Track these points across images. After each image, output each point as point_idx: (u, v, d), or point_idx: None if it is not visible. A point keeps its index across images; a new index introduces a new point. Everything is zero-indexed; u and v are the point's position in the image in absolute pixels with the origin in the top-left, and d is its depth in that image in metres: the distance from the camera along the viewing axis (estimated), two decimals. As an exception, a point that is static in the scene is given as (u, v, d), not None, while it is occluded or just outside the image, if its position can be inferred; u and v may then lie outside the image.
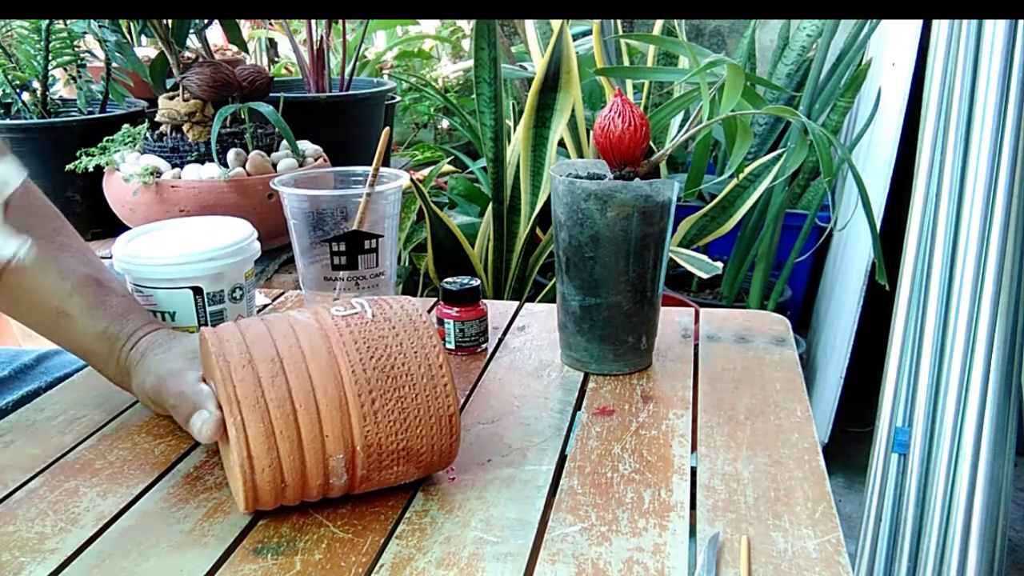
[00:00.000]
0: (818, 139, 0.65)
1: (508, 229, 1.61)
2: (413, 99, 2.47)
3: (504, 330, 0.82)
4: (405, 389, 0.50)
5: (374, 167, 0.77)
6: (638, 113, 0.65)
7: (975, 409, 1.20)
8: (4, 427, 0.65)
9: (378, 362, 0.50)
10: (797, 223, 1.90)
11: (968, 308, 1.21)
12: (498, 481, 0.56)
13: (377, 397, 0.49)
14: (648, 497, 0.54)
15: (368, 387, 0.49)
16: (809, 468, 0.57)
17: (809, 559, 0.48)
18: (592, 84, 2.06)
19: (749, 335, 0.80)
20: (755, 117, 1.87)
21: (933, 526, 1.22)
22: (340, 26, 1.85)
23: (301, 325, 0.51)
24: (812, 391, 1.93)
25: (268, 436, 0.47)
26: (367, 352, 0.50)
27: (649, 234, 0.67)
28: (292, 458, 0.48)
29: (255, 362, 0.48)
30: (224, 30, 1.40)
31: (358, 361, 0.49)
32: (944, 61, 1.23)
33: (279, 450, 0.47)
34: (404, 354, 0.51)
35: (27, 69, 1.28)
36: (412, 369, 0.50)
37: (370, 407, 0.49)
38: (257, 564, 0.48)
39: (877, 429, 1.31)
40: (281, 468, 0.48)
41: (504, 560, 0.48)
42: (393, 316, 0.52)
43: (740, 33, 2.57)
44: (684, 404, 0.67)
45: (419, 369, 0.51)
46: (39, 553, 0.49)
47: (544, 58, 1.48)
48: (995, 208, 1.19)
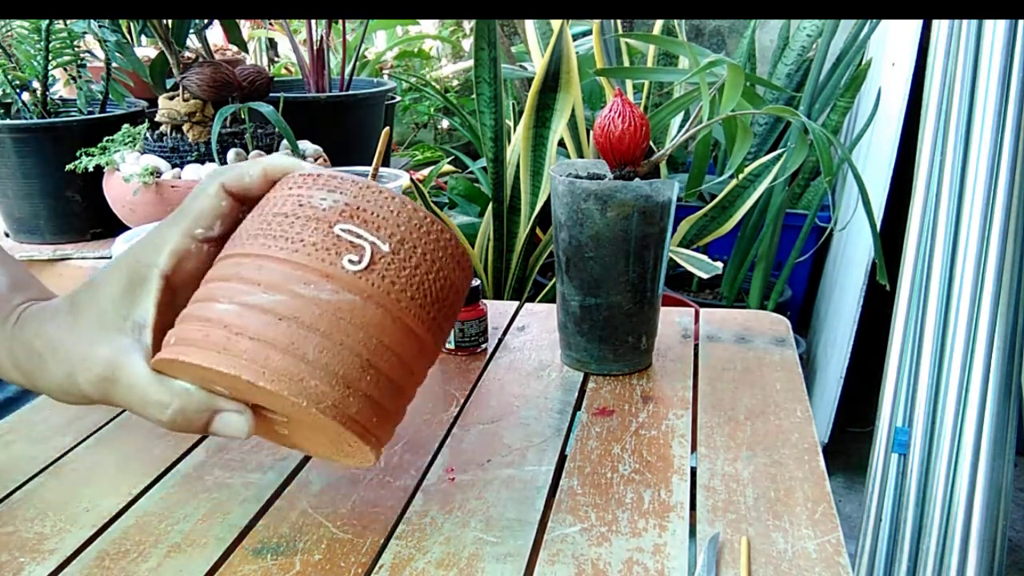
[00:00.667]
0: (818, 139, 0.65)
1: (508, 229, 1.61)
2: (413, 99, 2.47)
3: (504, 330, 0.82)
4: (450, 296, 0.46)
5: (374, 167, 0.77)
6: (638, 113, 0.65)
7: (975, 409, 1.20)
8: (4, 427, 0.65)
9: (438, 296, 0.45)
10: (797, 223, 1.90)
11: (968, 308, 1.21)
12: (498, 481, 0.56)
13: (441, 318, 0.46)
14: (648, 497, 0.54)
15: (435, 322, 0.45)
16: (809, 468, 0.57)
17: (809, 559, 0.48)
18: (592, 84, 2.06)
19: (749, 335, 0.80)
20: (755, 117, 1.87)
21: (933, 526, 1.22)
22: (340, 26, 1.85)
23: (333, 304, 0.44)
24: (812, 391, 1.93)
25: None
26: (426, 298, 0.45)
27: (649, 234, 0.67)
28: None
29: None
30: (224, 30, 1.40)
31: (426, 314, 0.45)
32: (944, 61, 1.23)
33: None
34: (447, 276, 0.46)
35: (27, 69, 1.28)
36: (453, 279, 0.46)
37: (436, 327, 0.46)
38: (257, 564, 0.48)
39: (877, 429, 1.31)
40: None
41: (504, 560, 0.48)
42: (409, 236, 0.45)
43: (740, 33, 2.57)
44: (684, 404, 0.67)
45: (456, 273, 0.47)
46: (39, 553, 0.49)
47: (544, 58, 1.48)
48: (995, 208, 1.19)
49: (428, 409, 0.66)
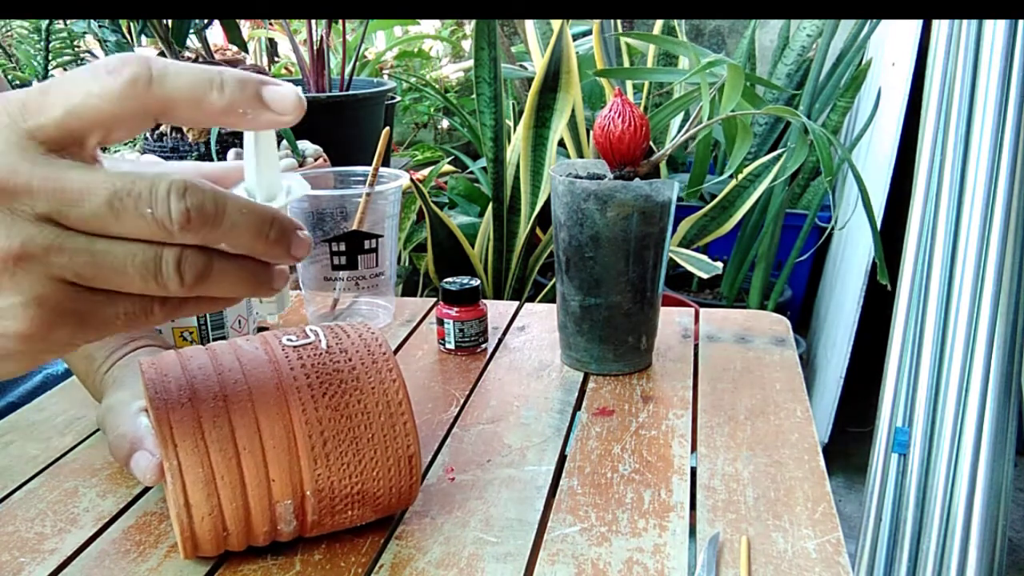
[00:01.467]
0: (818, 139, 0.65)
1: (508, 229, 1.61)
2: (413, 99, 2.47)
3: (504, 330, 0.81)
4: (361, 429, 0.46)
5: (374, 167, 0.77)
6: (638, 113, 0.65)
7: (975, 409, 1.20)
8: (4, 427, 0.65)
9: (331, 399, 0.45)
10: (797, 223, 1.90)
11: (968, 308, 1.21)
12: (498, 481, 0.56)
13: (330, 438, 0.45)
14: (648, 497, 0.54)
15: (320, 427, 0.45)
16: (809, 468, 0.57)
17: (809, 559, 0.48)
18: (592, 84, 2.06)
19: (749, 335, 0.80)
20: (755, 117, 1.87)
21: (933, 526, 1.22)
22: (340, 26, 1.85)
23: (248, 357, 0.46)
24: (812, 391, 1.93)
25: (208, 482, 0.43)
26: (320, 388, 0.45)
27: (649, 234, 0.67)
28: (235, 505, 0.44)
29: (196, 400, 0.44)
30: (224, 30, 1.40)
31: (309, 399, 0.45)
32: (944, 61, 1.23)
33: (220, 497, 0.43)
34: (360, 390, 0.46)
35: (27, 69, 1.28)
36: (369, 407, 0.46)
37: (321, 449, 0.45)
38: (257, 564, 0.48)
39: (877, 429, 1.31)
40: (223, 516, 0.44)
41: (504, 560, 0.48)
42: (350, 347, 0.48)
43: (740, 33, 2.57)
44: (684, 404, 0.67)
45: (376, 407, 0.46)
46: (39, 553, 0.49)
47: (544, 58, 1.48)
48: (995, 208, 1.19)
49: (428, 409, 0.66)
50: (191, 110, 0.33)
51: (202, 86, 0.32)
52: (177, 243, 0.32)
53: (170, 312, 0.34)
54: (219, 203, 0.32)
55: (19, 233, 0.30)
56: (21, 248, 0.30)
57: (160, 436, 0.43)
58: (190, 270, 0.32)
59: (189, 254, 0.32)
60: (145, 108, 0.32)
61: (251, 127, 0.35)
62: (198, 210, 0.31)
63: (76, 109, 0.31)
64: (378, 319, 0.83)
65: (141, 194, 0.31)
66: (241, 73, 0.34)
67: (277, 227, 0.34)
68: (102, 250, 0.31)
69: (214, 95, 0.33)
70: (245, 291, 0.35)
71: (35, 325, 0.31)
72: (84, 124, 0.32)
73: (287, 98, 0.34)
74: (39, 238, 0.30)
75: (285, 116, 0.34)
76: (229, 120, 0.34)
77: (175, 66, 0.33)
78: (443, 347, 0.76)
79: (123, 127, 0.33)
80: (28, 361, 0.34)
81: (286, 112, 0.34)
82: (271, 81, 0.35)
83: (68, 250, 0.31)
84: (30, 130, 0.31)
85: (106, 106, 0.31)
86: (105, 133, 0.32)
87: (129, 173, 0.31)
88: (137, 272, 0.32)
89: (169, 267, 0.32)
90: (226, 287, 0.34)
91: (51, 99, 0.31)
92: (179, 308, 0.34)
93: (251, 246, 0.34)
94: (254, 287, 0.35)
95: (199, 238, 0.32)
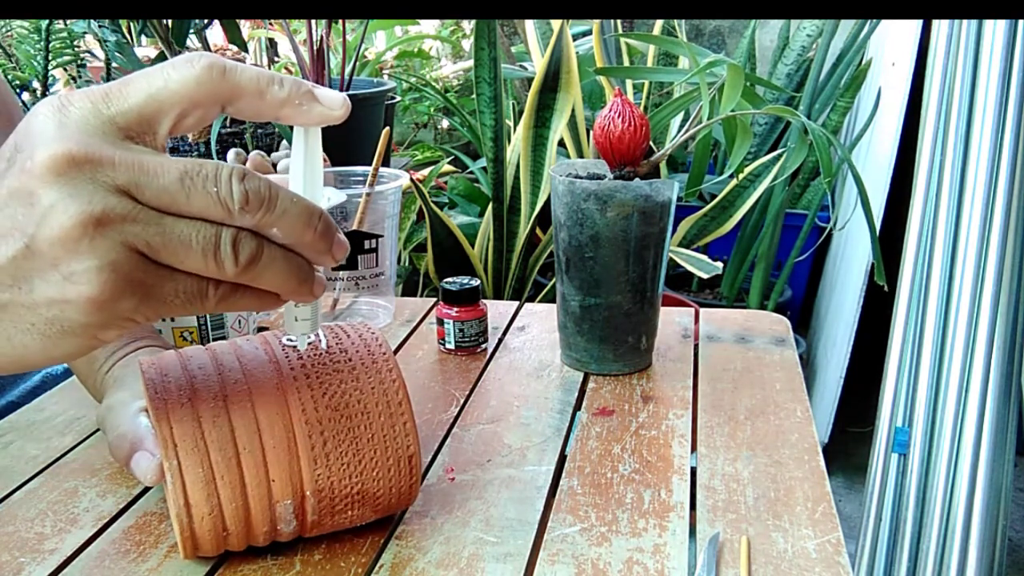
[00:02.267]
0: (818, 139, 0.65)
1: (508, 229, 1.61)
2: (413, 99, 2.47)
3: (504, 330, 0.82)
4: (361, 429, 0.46)
5: (374, 167, 0.77)
6: (638, 113, 0.65)
7: (975, 409, 1.20)
8: (4, 427, 0.65)
9: (331, 399, 0.45)
10: (797, 223, 1.90)
11: (968, 308, 1.21)
12: (498, 481, 0.56)
13: (330, 438, 0.45)
14: (648, 497, 0.54)
15: (320, 427, 0.45)
16: (809, 468, 0.57)
17: (809, 559, 0.48)
18: (592, 84, 2.06)
19: (749, 335, 0.80)
20: (755, 117, 1.87)
21: (933, 526, 1.22)
22: (340, 26, 1.85)
23: (249, 357, 0.46)
24: (812, 391, 1.93)
25: (208, 482, 0.43)
26: (319, 388, 0.45)
27: (649, 234, 0.67)
28: (234, 505, 0.44)
29: (196, 400, 0.44)
30: (224, 30, 1.40)
31: (309, 398, 0.45)
32: (944, 61, 1.23)
33: (220, 497, 0.43)
34: (360, 390, 0.46)
35: (27, 69, 1.28)
36: (369, 407, 0.46)
37: (321, 449, 0.45)
38: (257, 564, 0.48)
39: (877, 429, 1.31)
40: (222, 516, 0.44)
41: (504, 560, 0.48)
42: (350, 347, 0.48)
43: (740, 33, 2.57)
44: (684, 404, 0.67)
45: (376, 407, 0.46)
46: (39, 553, 0.49)
47: (544, 58, 1.48)
48: (995, 208, 1.19)
49: (428, 409, 0.66)
50: (256, 99, 0.37)
51: (266, 80, 0.37)
52: (235, 225, 0.35)
53: (222, 298, 0.36)
54: (273, 189, 0.35)
55: (101, 200, 0.33)
56: (102, 213, 0.33)
57: (160, 436, 0.43)
58: (244, 250, 0.35)
59: (244, 236, 0.35)
60: (217, 94, 0.36)
61: (304, 120, 0.39)
62: (255, 193, 0.35)
63: (157, 94, 0.35)
64: (378, 319, 0.83)
65: (208, 175, 0.34)
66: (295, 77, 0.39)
67: (324, 221, 0.37)
68: (170, 224, 0.34)
69: (275, 88, 0.37)
70: (290, 284, 0.37)
71: (107, 290, 0.33)
72: (162, 107, 0.35)
73: (336, 96, 0.39)
74: (118, 207, 0.33)
75: (335, 111, 0.39)
76: (286, 111, 0.38)
77: (242, 64, 0.37)
78: (443, 347, 0.76)
79: (196, 112, 0.36)
80: (87, 338, 0.35)
81: (335, 107, 0.39)
82: (319, 87, 0.39)
83: (142, 220, 0.33)
84: (111, 116, 0.34)
85: (183, 90, 0.35)
86: (178, 119, 0.36)
87: (194, 159, 0.35)
88: (200, 247, 0.34)
89: (227, 245, 0.35)
90: (273, 276, 0.36)
91: (133, 87, 0.35)
92: (229, 296, 0.36)
93: (300, 234, 0.36)
94: (298, 281, 0.37)
95: (255, 220, 0.35)
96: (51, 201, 0.32)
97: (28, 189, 0.33)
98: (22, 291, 0.34)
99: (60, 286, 0.33)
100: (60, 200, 0.32)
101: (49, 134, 0.33)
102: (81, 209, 0.32)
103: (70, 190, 0.32)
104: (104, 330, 0.35)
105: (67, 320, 0.34)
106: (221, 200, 0.34)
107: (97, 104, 0.34)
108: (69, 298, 0.33)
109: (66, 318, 0.34)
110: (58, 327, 0.35)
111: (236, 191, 0.34)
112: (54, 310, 0.34)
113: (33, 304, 0.34)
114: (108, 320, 0.34)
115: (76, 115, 0.34)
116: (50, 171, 0.32)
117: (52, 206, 0.32)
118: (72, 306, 0.34)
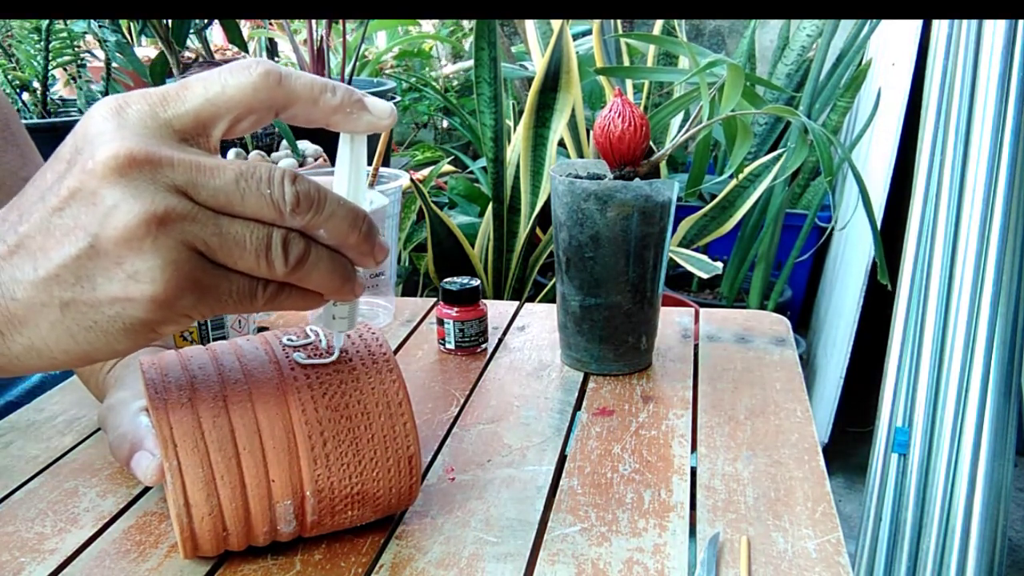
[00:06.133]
0: (818, 139, 0.65)
1: (508, 229, 1.61)
2: (413, 99, 2.47)
3: (504, 330, 0.82)
4: (361, 429, 0.46)
5: (374, 167, 0.77)
6: (638, 113, 0.65)
7: (975, 409, 1.20)
8: (4, 427, 0.65)
9: (331, 399, 0.45)
10: (797, 223, 1.90)
11: (968, 308, 1.21)
12: (498, 481, 0.56)
13: (330, 438, 0.45)
14: (648, 497, 0.54)
15: (320, 427, 0.45)
16: (809, 468, 0.57)
17: (809, 559, 0.48)
18: (592, 84, 2.06)
19: (749, 335, 0.80)
20: (755, 117, 1.87)
21: (933, 526, 1.22)
22: (340, 26, 1.85)
23: (249, 357, 0.47)
24: (812, 391, 1.93)
25: (208, 482, 0.43)
26: (319, 388, 0.45)
27: (649, 234, 0.67)
28: (234, 505, 0.44)
29: (196, 400, 0.44)
30: (224, 30, 1.40)
31: (309, 399, 0.45)
32: (944, 61, 1.23)
33: (220, 497, 0.43)
34: (360, 390, 0.46)
35: (27, 69, 1.28)
36: (369, 407, 0.46)
37: (321, 449, 0.45)
38: (257, 564, 0.48)
39: (877, 429, 1.31)
40: (222, 516, 0.44)
41: (504, 560, 0.48)
42: (350, 348, 0.48)
43: (740, 33, 2.57)
44: (684, 404, 0.67)
45: (376, 407, 0.46)
46: (39, 553, 0.49)
47: (544, 58, 1.48)
48: (995, 208, 1.19)
49: (428, 409, 0.66)
50: (309, 105, 0.38)
51: (319, 87, 0.38)
52: (285, 226, 0.36)
53: (270, 298, 0.37)
54: (321, 192, 0.36)
55: (163, 200, 0.33)
56: (164, 213, 0.33)
57: (160, 436, 0.43)
58: (294, 250, 0.36)
59: (294, 236, 0.36)
60: (273, 100, 0.37)
61: (352, 128, 0.40)
62: (306, 195, 0.36)
63: (214, 99, 0.36)
64: (378, 319, 0.83)
65: (262, 177, 0.35)
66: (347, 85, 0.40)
67: (368, 223, 0.38)
68: (226, 224, 0.35)
69: (328, 95, 0.38)
70: (334, 284, 0.38)
71: (169, 288, 0.34)
72: (219, 112, 0.36)
73: (384, 106, 0.40)
74: (179, 207, 0.34)
75: (383, 120, 0.40)
76: (336, 118, 0.39)
77: (296, 71, 0.38)
78: (443, 347, 0.76)
79: (250, 117, 0.37)
80: (147, 334, 0.36)
81: (383, 117, 0.40)
82: (369, 96, 0.40)
83: (200, 220, 0.34)
84: (168, 119, 0.35)
85: (240, 96, 0.36)
86: (232, 123, 0.37)
87: (246, 160, 0.36)
88: (252, 247, 0.35)
89: (277, 246, 0.36)
90: (319, 276, 0.37)
91: (190, 91, 0.36)
92: (277, 295, 0.37)
93: (346, 235, 0.37)
94: (342, 280, 0.38)
95: (304, 221, 0.36)
96: (114, 200, 0.33)
97: (90, 189, 0.33)
98: (85, 289, 0.34)
99: (124, 284, 0.34)
100: (123, 200, 0.33)
101: (108, 135, 0.34)
102: (144, 208, 0.33)
103: (132, 190, 0.33)
104: (163, 326, 0.36)
105: (128, 317, 0.35)
106: (274, 202, 0.35)
107: (154, 106, 0.35)
108: (132, 296, 0.34)
109: (128, 315, 0.35)
110: (120, 324, 0.35)
111: (288, 193, 0.35)
112: (116, 308, 0.35)
113: (96, 302, 0.35)
114: (168, 317, 0.35)
115: (134, 117, 0.35)
116: (112, 171, 0.33)
117: (115, 205, 0.33)
118: (135, 304, 0.34)
